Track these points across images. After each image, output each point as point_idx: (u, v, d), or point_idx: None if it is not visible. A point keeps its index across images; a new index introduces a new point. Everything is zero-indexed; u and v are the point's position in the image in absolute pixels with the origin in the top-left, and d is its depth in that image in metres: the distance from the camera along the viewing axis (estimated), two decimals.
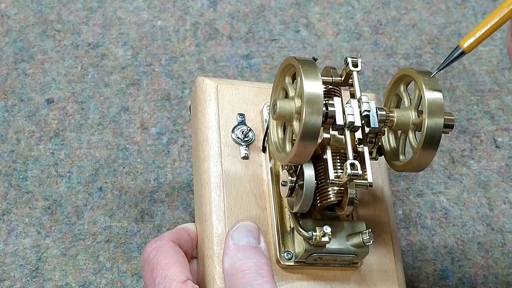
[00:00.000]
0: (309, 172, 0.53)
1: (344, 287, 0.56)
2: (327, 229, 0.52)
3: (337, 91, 0.55)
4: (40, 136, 0.72)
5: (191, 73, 0.77)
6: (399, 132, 0.56)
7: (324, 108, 0.51)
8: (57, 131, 0.72)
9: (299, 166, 0.53)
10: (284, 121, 0.54)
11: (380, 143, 0.56)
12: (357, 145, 0.53)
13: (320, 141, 0.52)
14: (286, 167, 0.55)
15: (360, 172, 0.50)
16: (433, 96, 0.52)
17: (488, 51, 0.83)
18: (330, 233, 0.52)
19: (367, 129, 0.53)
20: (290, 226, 0.56)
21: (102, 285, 0.65)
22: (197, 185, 0.58)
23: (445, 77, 0.81)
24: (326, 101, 0.52)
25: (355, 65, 0.55)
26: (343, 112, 0.52)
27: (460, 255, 0.70)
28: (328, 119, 0.51)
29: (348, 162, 0.51)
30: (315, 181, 0.53)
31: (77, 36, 0.79)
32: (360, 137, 0.53)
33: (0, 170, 0.70)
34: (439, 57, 0.82)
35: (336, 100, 0.52)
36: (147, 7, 0.82)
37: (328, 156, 0.52)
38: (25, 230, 0.67)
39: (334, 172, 0.52)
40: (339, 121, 0.52)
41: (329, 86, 0.55)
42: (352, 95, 0.55)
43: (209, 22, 0.81)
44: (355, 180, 0.52)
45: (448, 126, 0.53)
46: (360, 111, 0.53)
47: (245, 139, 0.58)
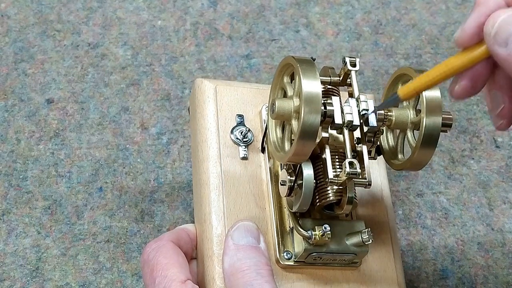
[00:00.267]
0: (308, 171, 0.53)
1: (343, 286, 0.56)
2: (327, 228, 0.52)
3: (335, 91, 0.56)
4: (40, 136, 0.72)
5: (191, 73, 0.77)
6: (398, 131, 0.56)
7: (322, 107, 0.51)
8: (57, 131, 0.72)
9: (298, 165, 0.53)
10: (283, 120, 0.54)
11: (378, 142, 0.56)
12: (356, 145, 0.53)
13: (319, 140, 0.52)
14: (285, 166, 0.55)
15: (359, 170, 0.50)
16: (431, 95, 0.52)
17: None
18: (329, 232, 0.52)
19: (365, 128, 0.53)
20: (289, 226, 0.56)
21: (102, 285, 0.65)
22: (196, 186, 0.58)
23: None
24: (325, 100, 0.52)
25: (353, 65, 0.55)
26: (342, 111, 0.52)
27: (460, 255, 0.70)
28: (327, 118, 0.52)
29: (347, 161, 0.51)
30: (314, 181, 0.53)
31: (77, 36, 0.79)
32: (359, 136, 0.53)
33: (0, 170, 0.70)
34: (439, 57, 0.82)
35: (335, 99, 0.52)
36: (147, 7, 0.82)
37: (327, 155, 0.52)
38: (25, 230, 0.67)
39: (333, 171, 0.52)
40: (338, 120, 0.52)
41: (328, 86, 0.55)
42: (351, 95, 0.55)
43: (209, 22, 0.81)
44: (354, 179, 0.52)
45: (446, 125, 0.53)
46: (359, 110, 0.53)
47: (244, 139, 0.58)
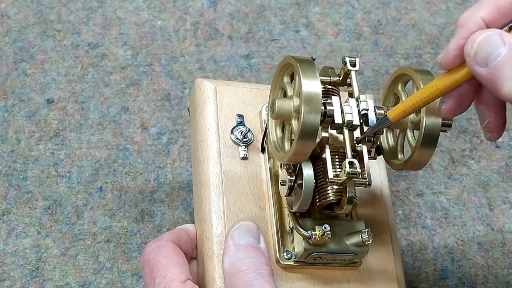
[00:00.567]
0: (308, 171, 0.53)
1: (343, 286, 0.56)
2: (327, 228, 0.52)
3: (335, 90, 0.55)
4: (40, 136, 0.72)
5: (191, 73, 0.77)
6: (398, 131, 0.56)
7: (322, 107, 0.51)
8: (57, 131, 0.72)
9: (298, 165, 0.53)
10: (283, 120, 0.54)
11: (378, 142, 0.56)
12: (356, 144, 0.53)
13: (319, 140, 0.52)
14: (285, 166, 0.55)
15: (359, 170, 0.50)
16: None
17: None
18: (329, 232, 0.52)
19: (365, 128, 0.53)
20: (289, 225, 0.56)
21: (102, 285, 0.65)
22: (196, 186, 0.58)
23: None
24: (325, 100, 0.52)
25: (353, 65, 0.55)
26: (342, 111, 0.52)
27: (460, 255, 0.70)
28: (327, 118, 0.52)
29: (347, 161, 0.51)
30: (314, 180, 0.53)
31: (77, 36, 0.79)
32: (359, 136, 0.53)
33: (0, 170, 0.70)
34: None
35: (335, 99, 0.52)
36: (147, 7, 0.82)
37: (327, 155, 0.52)
38: (25, 230, 0.67)
39: (333, 171, 0.52)
40: (338, 119, 0.52)
41: (328, 86, 0.55)
42: (351, 95, 0.55)
43: (209, 22, 0.81)
44: (354, 179, 0.52)
45: (446, 125, 0.53)
46: (359, 110, 0.53)
47: (244, 139, 0.58)
